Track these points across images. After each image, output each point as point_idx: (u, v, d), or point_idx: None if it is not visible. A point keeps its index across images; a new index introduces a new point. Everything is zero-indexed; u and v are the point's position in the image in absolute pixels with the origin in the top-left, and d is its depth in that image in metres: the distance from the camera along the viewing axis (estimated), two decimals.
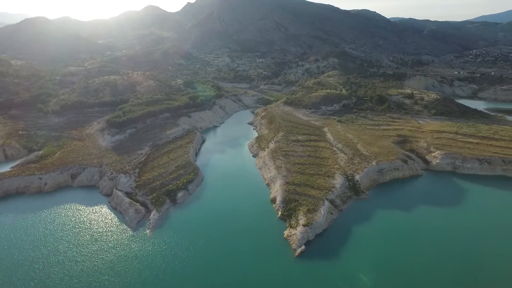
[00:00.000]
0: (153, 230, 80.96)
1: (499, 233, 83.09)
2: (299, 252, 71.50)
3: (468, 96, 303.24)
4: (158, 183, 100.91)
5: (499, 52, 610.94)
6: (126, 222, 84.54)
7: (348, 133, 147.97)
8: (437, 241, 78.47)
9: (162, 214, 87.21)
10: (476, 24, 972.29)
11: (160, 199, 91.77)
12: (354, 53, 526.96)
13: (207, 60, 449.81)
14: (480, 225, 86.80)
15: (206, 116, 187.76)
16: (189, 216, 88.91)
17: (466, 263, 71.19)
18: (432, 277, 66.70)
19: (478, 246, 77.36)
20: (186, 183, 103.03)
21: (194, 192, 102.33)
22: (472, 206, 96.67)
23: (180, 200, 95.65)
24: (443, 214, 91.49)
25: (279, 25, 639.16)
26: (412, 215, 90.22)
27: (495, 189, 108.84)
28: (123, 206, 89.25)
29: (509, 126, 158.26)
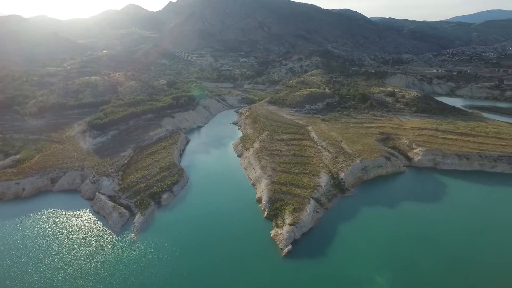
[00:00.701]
0: (138, 233, 79.40)
1: (479, 225, 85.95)
2: (286, 252, 71.59)
3: (446, 93, 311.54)
4: (142, 185, 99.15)
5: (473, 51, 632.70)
6: (109, 226, 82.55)
7: (332, 132, 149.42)
8: (421, 235, 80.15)
9: (147, 217, 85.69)
10: (452, 24, 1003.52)
11: (144, 202, 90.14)
12: (337, 52, 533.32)
13: (190, 60, 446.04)
14: (461, 218, 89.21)
15: (190, 116, 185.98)
16: (175, 219, 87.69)
17: (449, 255, 73.04)
18: (418, 271, 68.12)
19: (460, 238, 79.76)
20: (170, 184, 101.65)
21: (179, 193, 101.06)
22: (452, 200, 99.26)
23: (165, 202, 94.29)
24: (426, 209, 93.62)
25: (262, 24, 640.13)
26: (396, 211, 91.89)
27: (473, 184, 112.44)
28: (107, 210, 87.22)
29: (484, 122, 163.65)
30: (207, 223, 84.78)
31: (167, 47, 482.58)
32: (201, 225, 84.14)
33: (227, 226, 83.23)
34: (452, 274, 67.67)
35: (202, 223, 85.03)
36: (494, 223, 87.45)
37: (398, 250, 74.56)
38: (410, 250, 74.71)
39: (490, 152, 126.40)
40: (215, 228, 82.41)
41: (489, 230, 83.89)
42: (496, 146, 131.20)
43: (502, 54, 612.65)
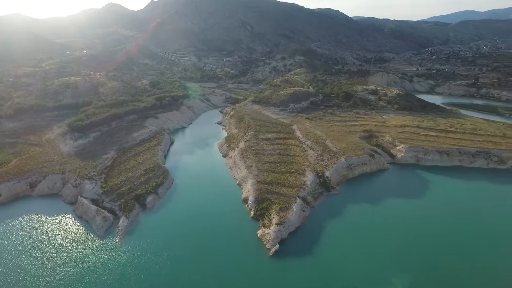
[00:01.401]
0: (123, 237, 77.77)
1: (461, 219, 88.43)
2: (273, 252, 71.55)
3: (427, 91, 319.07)
4: (126, 188, 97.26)
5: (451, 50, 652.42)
6: (93, 230, 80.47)
7: (316, 130, 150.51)
8: (407, 231, 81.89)
9: (132, 220, 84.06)
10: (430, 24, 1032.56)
11: (129, 205, 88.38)
12: (320, 51, 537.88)
13: (173, 60, 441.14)
14: (444, 213, 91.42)
15: (174, 116, 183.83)
16: (160, 221, 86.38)
17: (434, 249, 74.92)
18: (406, 266, 69.31)
19: (444, 232, 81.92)
20: (155, 186, 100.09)
21: (164, 195, 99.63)
22: (435, 196, 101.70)
23: (150, 205, 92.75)
24: (410, 205, 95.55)
25: (245, 23, 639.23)
26: (381, 208, 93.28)
27: (454, 179, 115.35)
28: (89, 214, 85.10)
29: (463, 119, 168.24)
30: (193, 225, 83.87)
31: (150, 47, 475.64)
32: (187, 227, 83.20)
33: (214, 227, 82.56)
34: (438, 267, 69.20)
35: (188, 225, 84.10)
36: (475, 217, 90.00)
37: (384, 247, 75.60)
38: (397, 245, 75.98)
39: (469, 148, 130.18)
40: (202, 230, 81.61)
41: (471, 224, 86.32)
42: (474, 142, 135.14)
43: (476, 53, 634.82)
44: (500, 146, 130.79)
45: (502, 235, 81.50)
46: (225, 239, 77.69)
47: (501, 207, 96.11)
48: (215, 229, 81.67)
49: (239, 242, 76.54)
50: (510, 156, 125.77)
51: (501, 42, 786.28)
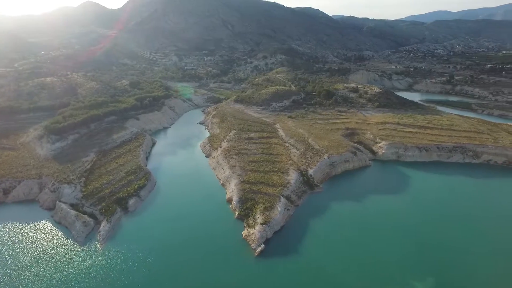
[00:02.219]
0: (105, 242, 75.74)
1: (441, 211, 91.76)
2: (259, 252, 71.42)
3: (405, 88, 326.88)
4: (107, 191, 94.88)
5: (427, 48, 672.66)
6: (73, 236, 77.86)
7: (299, 129, 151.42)
8: (390, 226, 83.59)
9: (114, 225, 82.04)
10: (407, 23, 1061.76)
11: (110, 209, 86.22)
12: (301, 50, 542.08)
13: (153, 59, 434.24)
14: (425, 207, 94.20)
15: (155, 117, 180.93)
16: (143, 224, 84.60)
17: (418, 242, 76.84)
18: (390, 261, 70.62)
19: (426, 225, 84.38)
20: (137, 189, 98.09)
21: (147, 198, 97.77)
22: (416, 191, 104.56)
23: (132, 208, 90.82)
24: (393, 200, 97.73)
25: (226, 22, 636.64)
26: (365, 204, 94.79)
27: (433, 174, 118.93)
28: (69, 219, 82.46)
29: (440, 115, 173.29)
30: (177, 227, 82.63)
31: (129, 47, 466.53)
32: (171, 229, 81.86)
33: (198, 229, 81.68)
34: (423, 260, 70.87)
35: (172, 227, 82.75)
36: (454, 209, 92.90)
37: (368, 243, 76.69)
38: (381, 241, 77.33)
39: (446, 143, 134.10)
40: (186, 232, 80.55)
41: (451, 216, 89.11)
42: (451, 137, 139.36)
43: (451, 51, 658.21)
44: (475, 141, 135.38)
45: (480, 224, 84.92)
46: (210, 240, 76.95)
47: (477, 199, 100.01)
48: (200, 231, 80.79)
49: (224, 243, 75.95)
50: (483, 151, 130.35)
51: (473, 41, 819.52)
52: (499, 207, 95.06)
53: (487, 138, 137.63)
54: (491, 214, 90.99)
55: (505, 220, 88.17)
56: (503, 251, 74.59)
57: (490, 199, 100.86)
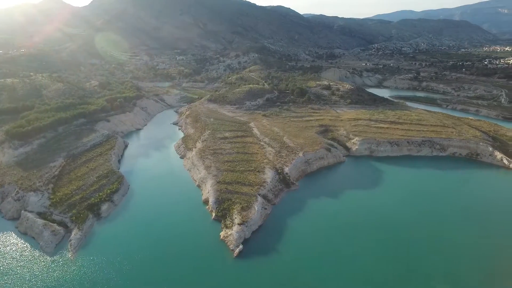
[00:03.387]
0: (76, 251, 72.51)
1: (414, 203, 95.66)
2: (237, 252, 70.89)
3: (375, 85, 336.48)
4: (77, 197, 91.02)
5: (394, 46, 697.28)
6: (41, 247, 73.60)
7: (273, 127, 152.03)
8: (366, 221, 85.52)
9: (86, 232, 78.83)
10: (374, 22, 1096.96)
11: (81, 215, 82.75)
12: (273, 48, 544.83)
13: (123, 59, 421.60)
14: (399, 200, 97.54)
15: (127, 119, 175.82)
16: (118, 230, 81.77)
17: (394, 235, 79.21)
18: (369, 256, 72.04)
19: (402, 218, 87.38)
20: (110, 194, 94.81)
21: (121, 202, 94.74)
22: (389, 184, 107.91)
23: (105, 214, 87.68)
24: (368, 195, 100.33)
25: (198, 21, 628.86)
26: (341, 200, 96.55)
27: (404, 168, 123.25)
28: (36, 229, 78.21)
29: (409, 111, 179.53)
30: (153, 231, 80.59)
31: (98, 46, 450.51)
32: (147, 233, 79.71)
33: (175, 232, 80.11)
34: (401, 253, 72.90)
35: (148, 231, 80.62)
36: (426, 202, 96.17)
37: (346, 239, 77.93)
38: (357, 237, 78.75)
39: (415, 138, 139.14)
40: (162, 235, 78.76)
41: (424, 207, 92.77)
42: (419, 132, 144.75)
43: (416, 49, 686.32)
44: (441, 135, 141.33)
45: (451, 214, 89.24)
46: (187, 243, 75.63)
47: (446, 191, 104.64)
48: (176, 234, 79.23)
49: (202, 246, 74.83)
50: (449, 144, 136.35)
51: (435, 39, 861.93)
52: (466, 198, 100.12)
53: (452, 132, 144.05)
54: (460, 205, 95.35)
55: (472, 210, 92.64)
56: (473, 239, 78.36)
57: (458, 190, 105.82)
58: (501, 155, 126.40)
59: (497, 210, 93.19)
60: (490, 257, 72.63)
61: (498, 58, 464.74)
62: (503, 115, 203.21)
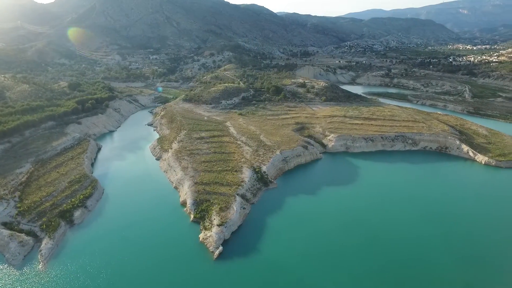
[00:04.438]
0: (48, 261, 68.94)
1: (390, 197, 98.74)
2: (217, 254, 70.04)
3: (349, 82, 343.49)
4: (47, 204, 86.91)
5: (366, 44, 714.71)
6: (7, 260, 68.79)
7: (250, 125, 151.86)
8: (344, 216, 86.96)
9: (57, 241, 75.29)
10: (347, 20, 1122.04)
11: (52, 224, 78.95)
12: (248, 46, 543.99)
13: (94, 59, 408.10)
14: (375, 193, 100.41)
15: (100, 120, 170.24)
16: (92, 237, 78.63)
17: (373, 229, 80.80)
18: (347, 251, 73.10)
19: (378, 211, 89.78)
20: (83, 199, 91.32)
21: (95, 208, 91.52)
22: (366, 179, 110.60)
23: (78, 220, 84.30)
24: (345, 190, 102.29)
25: (171, 19, 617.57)
26: (319, 197, 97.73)
27: (379, 162, 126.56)
28: (1, 241, 73.69)
29: (382, 107, 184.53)
30: (130, 236, 78.24)
31: (66, 45, 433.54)
32: (124, 238, 77.31)
33: (152, 236, 78.16)
34: (381, 248, 74.43)
35: (125, 236, 78.19)
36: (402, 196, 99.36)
37: (326, 236, 78.68)
38: (337, 233, 79.80)
39: (389, 133, 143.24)
40: (140, 240, 76.60)
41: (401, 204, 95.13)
42: (392, 127, 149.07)
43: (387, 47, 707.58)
44: (413, 130, 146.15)
45: (424, 206, 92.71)
46: (165, 247, 73.97)
47: (420, 183, 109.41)
48: (154, 238, 77.35)
49: (181, 249, 73.46)
50: (421, 138, 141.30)
51: (404, 37, 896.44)
52: (438, 190, 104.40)
53: (423, 127, 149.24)
54: (432, 196, 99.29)
55: (447, 201, 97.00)
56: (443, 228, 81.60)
57: (430, 183, 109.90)
58: (467, 148, 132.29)
59: (465, 200, 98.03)
60: (458, 244, 76.29)
61: (461, 55, 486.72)
62: (467, 109, 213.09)
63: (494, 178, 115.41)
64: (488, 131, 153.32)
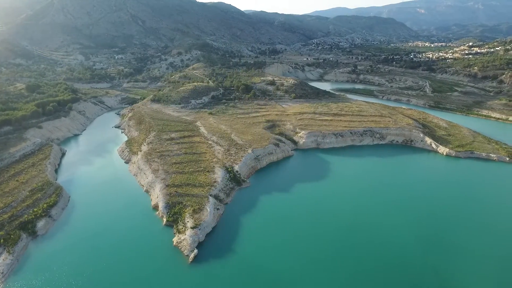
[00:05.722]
0: (7, 278, 64.19)
1: (362, 190, 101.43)
2: (192, 257, 68.66)
3: (317, 79, 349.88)
4: (6, 216, 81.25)
5: (332, 41, 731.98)
6: None
7: (220, 125, 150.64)
8: (318, 212, 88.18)
9: (18, 255, 70.35)
10: (313, 18, 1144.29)
11: (11, 237, 73.65)
12: (216, 45, 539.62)
13: (54, 59, 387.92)
14: (347, 188, 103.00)
15: (63, 124, 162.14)
16: (59, 248, 74.24)
17: (346, 223, 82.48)
18: (325, 246, 74.13)
19: (351, 205, 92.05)
20: (47, 208, 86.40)
21: (60, 217, 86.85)
22: (337, 174, 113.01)
23: (42, 231, 79.60)
24: (318, 187, 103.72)
25: (136, 17, 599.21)
26: (292, 194, 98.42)
27: (349, 157, 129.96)
28: None
29: (350, 103, 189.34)
30: (100, 244, 74.98)
31: (22, 44, 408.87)
32: (94, 247, 73.93)
33: (124, 243, 75.36)
34: (354, 240, 76.21)
35: (94, 244, 74.84)
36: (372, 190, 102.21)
37: (300, 232, 79.23)
38: (311, 228, 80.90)
39: (358, 128, 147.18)
40: (111, 248, 73.63)
41: (369, 194, 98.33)
42: (361, 122, 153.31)
43: (352, 44, 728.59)
44: (380, 125, 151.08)
45: (393, 197, 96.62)
46: (138, 253, 71.45)
47: (388, 174, 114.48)
48: (126, 245, 74.58)
49: (154, 254, 71.26)
50: (387, 132, 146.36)
51: (368, 35, 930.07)
52: (407, 180, 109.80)
53: (389, 121, 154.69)
54: (402, 187, 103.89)
55: (414, 190, 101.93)
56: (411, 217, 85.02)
57: (397, 174, 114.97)
58: (430, 140, 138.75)
59: (430, 189, 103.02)
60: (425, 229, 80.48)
61: (421, 52, 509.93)
62: (429, 103, 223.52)
63: (455, 167, 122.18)
64: (448, 124, 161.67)
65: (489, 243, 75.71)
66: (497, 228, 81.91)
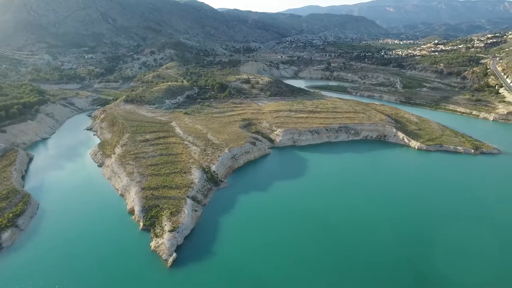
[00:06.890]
0: None
1: (340, 185, 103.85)
2: (171, 262, 67.03)
3: (292, 76, 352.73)
4: None
5: (305, 39, 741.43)
6: None
7: (196, 124, 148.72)
8: (295, 209, 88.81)
9: None
10: (286, 16, 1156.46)
11: None
12: (189, 43, 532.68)
13: (18, 59, 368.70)
14: (324, 185, 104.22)
15: (29, 127, 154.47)
16: (28, 259, 70.13)
17: (325, 222, 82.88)
18: (307, 244, 74.44)
19: (330, 201, 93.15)
20: (13, 217, 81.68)
21: (28, 226, 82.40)
22: (314, 171, 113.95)
23: (8, 243, 74.92)
24: (295, 183, 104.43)
25: (106, 15, 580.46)
26: (271, 193, 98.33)
27: (325, 154, 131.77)
28: None
29: (324, 100, 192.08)
30: (74, 252, 71.61)
31: None
32: (67, 256, 70.48)
33: (100, 249, 72.55)
34: (333, 236, 77.16)
35: (67, 253, 71.33)
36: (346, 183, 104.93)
37: (279, 231, 79.18)
38: (289, 225, 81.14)
39: (333, 125, 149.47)
40: (86, 255, 70.48)
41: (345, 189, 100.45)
42: (336, 119, 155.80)
43: (325, 41, 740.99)
44: (354, 121, 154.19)
45: (369, 188, 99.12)
46: (115, 260, 69.07)
47: (364, 169, 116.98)
48: (102, 252, 71.83)
49: (132, 260, 68.99)
50: (362, 128, 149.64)
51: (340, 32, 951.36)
52: (381, 174, 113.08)
53: (363, 117, 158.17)
54: (378, 181, 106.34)
55: (388, 184, 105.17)
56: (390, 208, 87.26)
57: (374, 169, 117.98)
58: (403, 135, 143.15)
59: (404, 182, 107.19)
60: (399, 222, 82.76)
61: (391, 49, 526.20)
62: (400, 99, 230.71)
63: (426, 160, 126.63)
64: (418, 119, 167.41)
65: (461, 232, 79.25)
66: (470, 217, 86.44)
